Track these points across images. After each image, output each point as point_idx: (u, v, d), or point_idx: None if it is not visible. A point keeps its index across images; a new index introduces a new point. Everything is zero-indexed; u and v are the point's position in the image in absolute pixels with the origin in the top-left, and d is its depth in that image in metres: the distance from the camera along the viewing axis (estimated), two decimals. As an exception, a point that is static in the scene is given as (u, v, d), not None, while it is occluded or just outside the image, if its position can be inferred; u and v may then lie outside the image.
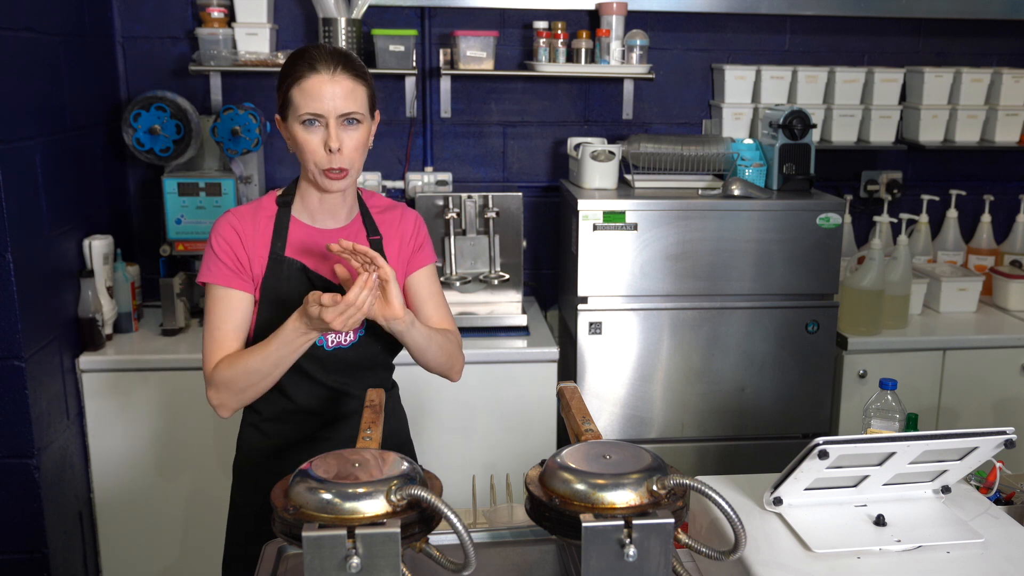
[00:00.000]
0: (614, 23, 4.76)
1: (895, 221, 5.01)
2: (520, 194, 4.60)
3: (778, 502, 2.39)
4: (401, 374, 3.05)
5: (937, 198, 5.12)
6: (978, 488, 2.71)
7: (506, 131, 5.09)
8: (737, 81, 4.98)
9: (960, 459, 2.34)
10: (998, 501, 2.77)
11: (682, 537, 1.92)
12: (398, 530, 1.71)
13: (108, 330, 4.30)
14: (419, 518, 1.80)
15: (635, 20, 4.91)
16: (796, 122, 4.51)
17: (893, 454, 2.26)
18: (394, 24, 4.83)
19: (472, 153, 5.10)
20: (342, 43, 4.52)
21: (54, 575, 3.89)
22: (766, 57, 5.16)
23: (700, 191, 4.51)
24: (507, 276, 4.57)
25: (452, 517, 1.73)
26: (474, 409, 4.39)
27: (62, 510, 3.97)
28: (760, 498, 2.43)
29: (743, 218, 4.35)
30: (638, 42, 4.78)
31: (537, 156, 5.14)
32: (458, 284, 4.54)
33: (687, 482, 1.84)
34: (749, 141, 4.68)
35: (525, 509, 1.98)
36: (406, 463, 1.89)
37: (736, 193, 4.41)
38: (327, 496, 1.76)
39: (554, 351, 4.39)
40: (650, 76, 4.86)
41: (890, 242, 4.97)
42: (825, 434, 3.40)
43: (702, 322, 4.43)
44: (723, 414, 4.54)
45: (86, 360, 4.14)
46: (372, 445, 2.07)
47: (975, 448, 2.30)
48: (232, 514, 2.98)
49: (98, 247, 4.21)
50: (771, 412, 4.55)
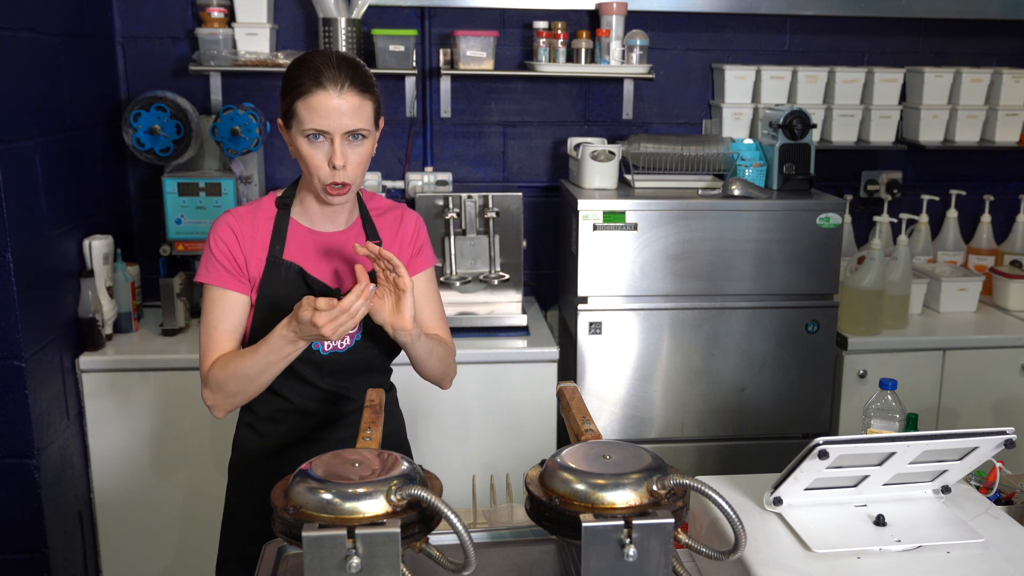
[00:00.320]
0: (614, 23, 4.76)
1: (895, 221, 5.01)
2: (520, 194, 4.60)
3: (778, 502, 2.39)
4: (400, 374, 3.05)
5: (937, 198, 5.13)
6: (978, 488, 2.71)
7: (506, 131, 5.09)
8: (737, 81, 4.98)
9: (960, 459, 2.35)
10: (998, 501, 2.77)
11: (682, 537, 1.92)
12: (398, 530, 1.71)
13: (108, 330, 4.30)
14: (419, 518, 1.80)
15: (635, 20, 4.91)
16: (796, 122, 4.51)
17: (893, 454, 2.26)
18: (394, 24, 4.83)
19: (472, 153, 5.10)
20: (342, 43, 4.52)
21: (54, 575, 3.89)
22: (766, 57, 5.16)
23: (700, 191, 4.51)
24: (507, 276, 4.57)
25: (452, 517, 1.73)
26: (474, 409, 4.39)
27: (62, 510, 3.98)
28: (760, 498, 2.43)
29: (743, 218, 4.35)
30: (638, 42, 4.78)
31: (537, 156, 5.14)
32: (458, 284, 4.54)
33: (687, 482, 1.84)
34: (749, 141, 4.68)
35: (525, 509, 1.98)
36: (406, 463, 1.89)
37: (736, 193, 4.41)
38: (327, 496, 1.77)
39: (554, 351, 4.39)
40: (650, 76, 4.86)
41: (890, 242, 4.97)
42: (825, 434, 3.40)
43: (702, 322, 4.43)
44: (723, 414, 4.54)
45: (86, 360, 4.14)
46: (372, 445, 2.07)
47: (975, 448, 2.30)
48: (227, 515, 2.97)
49: (98, 247, 4.22)
50: (771, 412, 4.55)
